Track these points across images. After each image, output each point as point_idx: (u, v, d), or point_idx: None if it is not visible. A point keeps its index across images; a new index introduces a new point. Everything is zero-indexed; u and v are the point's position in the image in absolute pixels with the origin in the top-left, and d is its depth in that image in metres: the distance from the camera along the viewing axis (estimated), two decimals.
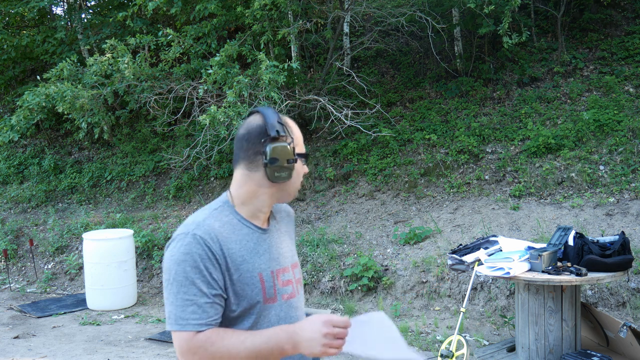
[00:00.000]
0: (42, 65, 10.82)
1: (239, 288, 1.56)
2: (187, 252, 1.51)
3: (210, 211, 1.63)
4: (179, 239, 1.55)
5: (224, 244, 1.56)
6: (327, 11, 8.34)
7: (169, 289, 1.53)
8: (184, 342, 1.50)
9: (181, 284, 1.50)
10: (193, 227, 1.56)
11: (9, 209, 9.56)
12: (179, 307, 1.50)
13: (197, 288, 1.50)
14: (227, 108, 6.77)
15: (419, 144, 7.99)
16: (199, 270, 1.51)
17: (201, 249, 1.52)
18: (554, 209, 6.58)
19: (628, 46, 8.37)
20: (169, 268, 1.54)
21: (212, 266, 1.52)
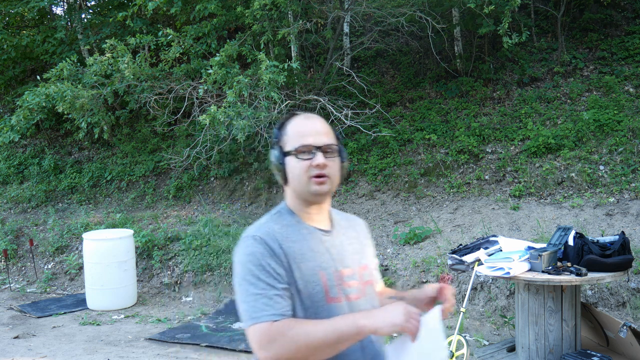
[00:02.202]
0: (42, 65, 10.82)
1: (301, 285, 1.59)
2: (249, 253, 1.58)
3: (270, 216, 1.70)
4: (242, 242, 1.62)
5: (283, 243, 1.60)
6: (327, 11, 8.34)
7: (239, 289, 1.58)
8: (261, 334, 1.51)
9: (249, 282, 1.55)
10: (253, 230, 1.64)
11: (9, 209, 9.56)
12: (251, 303, 1.54)
13: (264, 282, 1.54)
14: (227, 108, 6.77)
15: (419, 144, 7.99)
16: (263, 267, 1.55)
17: (262, 248, 1.58)
18: (554, 209, 6.57)
19: (628, 46, 8.37)
20: (236, 271, 1.60)
21: (275, 263, 1.57)
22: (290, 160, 1.65)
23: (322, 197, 1.68)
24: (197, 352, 5.35)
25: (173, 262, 7.46)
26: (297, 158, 1.64)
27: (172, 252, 7.55)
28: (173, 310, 6.76)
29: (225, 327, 6.01)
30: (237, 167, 8.84)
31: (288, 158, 1.66)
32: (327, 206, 1.76)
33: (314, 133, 1.66)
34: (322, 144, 1.65)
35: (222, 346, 5.43)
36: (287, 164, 1.66)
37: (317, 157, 1.63)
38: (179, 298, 7.08)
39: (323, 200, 1.70)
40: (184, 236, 7.57)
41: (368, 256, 1.82)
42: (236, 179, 8.75)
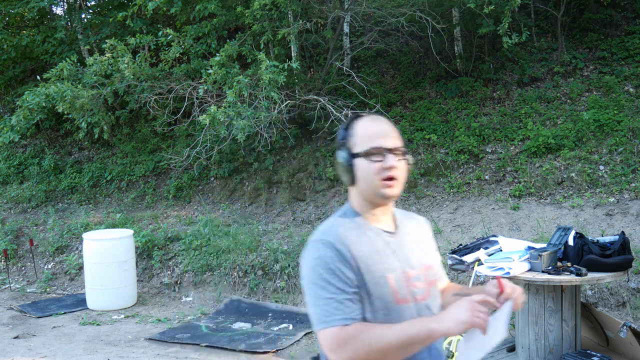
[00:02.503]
0: (42, 65, 10.82)
1: (371, 288, 1.59)
2: (318, 257, 1.58)
3: (335, 218, 1.71)
4: (310, 246, 1.63)
5: (352, 246, 1.60)
6: (327, 11, 8.33)
7: (308, 293, 1.59)
8: (332, 338, 1.52)
9: (318, 286, 1.56)
10: (321, 235, 1.64)
11: (9, 209, 9.56)
12: (321, 307, 1.54)
13: (334, 286, 1.55)
14: (227, 108, 6.77)
15: (419, 144, 7.99)
16: (332, 271, 1.56)
17: (331, 252, 1.58)
18: (554, 209, 6.57)
19: (628, 46, 8.37)
20: (305, 275, 1.61)
21: (344, 267, 1.57)
22: (360, 162, 1.66)
23: (390, 200, 1.70)
24: (197, 352, 5.35)
25: (173, 262, 7.46)
26: (368, 160, 1.64)
27: (172, 252, 7.55)
28: (173, 310, 6.76)
29: (225, 327, 6.01)
30: (237, 167, 8.84)
31: (357, 160, 1.66)
32: (391, 207, 1.77)
33: (384, 135, 1.67)
34: (392, 147, 1.66)
35: (222, 346, 5.43)
36: (356, 165, 1.66)
37: (389, 159, 1.64)
38: (179, 298, 7.08)
39: (390, 202, 1.72)
40: (184, 236, 7.57)
41: (431, 255, 1.83)
42: (236, 179, 8.75)
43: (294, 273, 6.71)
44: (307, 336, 5.63)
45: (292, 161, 8.63)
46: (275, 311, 6.36)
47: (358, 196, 1.72)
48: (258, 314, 6.35)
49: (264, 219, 7.94)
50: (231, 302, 6.67)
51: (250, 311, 6.44)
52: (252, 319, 6.23)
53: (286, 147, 8.76)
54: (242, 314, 6.38)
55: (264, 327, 5.99)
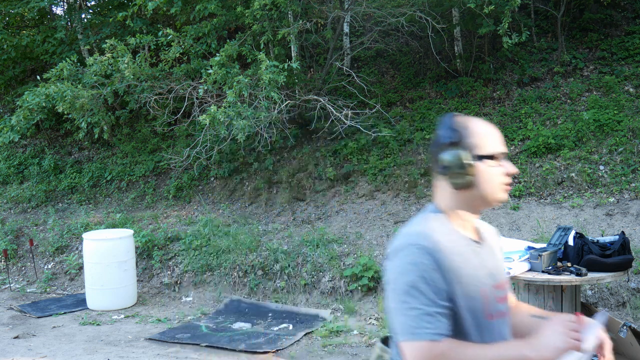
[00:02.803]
0: (42, 65, 10.82)
1: (462, 301, 1.51)
2: (413, 263, 1.48)
3: (427, 222, 1.60)
4: (404, 250, 1.52)
5: (447, 255, 1.51)
6: (327, 11, 8.33)
7: (396, 299, 1.49)
8: (421, 352, 1.44)
9: (410, 294, 1.46)
10: (417, 238, 1.52)
11: (9, 209, 9.56)
12: (410, 317, 1.45)
13: (427, 297, 1.46)
14: (227, 108, 6.77)
15: (419, 144, 7.99)
16: (426, 281, 1.46)
17: (427, 259, 1.48)
18: (554, 209, 6.57)
19: (628, 46, 8.37)
20: (395, 279, 1.51)
21: (439, 277, 1.48)
22: (485, 165, 1.58)
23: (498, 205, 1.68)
24: (197, 352, 5.36)
25: (173, 262, 7.46)
26: (495, 164, 1.59)
27: (172, 252, 7.55)
28: (173, 310, 6.76)
29: (225, 327, 6.01)
30: (237, 167, 8.84)
31: (481, 162, 1.58)
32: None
33: (500, 138, 1.64)
34: (506, 151, 1.64)
35: (222, 346, 5.43)
36: (478, 168, 1.57)
37: (509, 164, 1.60)
38: (179, 298, 7.08)
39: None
40: (184, 236, 7.57)
41: (504, 269, 1.74)
42: (236, 179, 8.75)
43: (294, 273, 6.71)
44: (307, 336, 5.64)
45: (292, 161, 8.63)
46: (275, 311, 6.36)
47: (461, 200, 1.62)
48: (258, 314, 6.35)
49: (264, 219, 7.94)
50: (231, 302, 6.67)
51: (250, 311, 6.45)
52: (252, 319, 6.23)
53: (286, 147, 8.76)
54: (242, 314, 6.38)
55: (264, 327, 5.99)
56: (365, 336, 5.50)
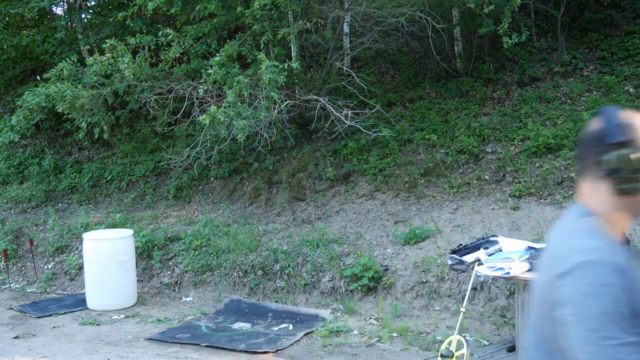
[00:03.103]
0: (42, 65, 10.82)
1: None
2: (605, 284, 1.28)
3: (594, 232, 1.39)
4: (590, 268, 1.31)
5: (633, 274, 1.32)
6: (327, 11, 8.33)
7: (582, 325, 1.28)
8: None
9: (601, 321, 1.26)
10: (602, 254, 1.32)
11: (9, 209, 9.56)
12: (603, 347, 1.25)
13: (620, 326, 1.26)
14: (227, 108, 6.77)
15: (419, 144, 7.99)
16: (621, 306, 1.27)
17: (621, 280, 1.29)
18: (554, 209, 6.57)
19: (628, 46, 8.37)
20: (580, 301, 1.29)
21: (633, 301, 1.29)
22: None
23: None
24: (197, 352, 5.35)
25: (173, 262, 7.46)
26: None
27: (172, 252, 7.55)
28: (173, 310, 6.76)
29: (225, 327, 6.01)
30: (237, 167, 8.84)
31: None
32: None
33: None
34: None
35: (222, 346, 5.43)
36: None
37: None
38: (179, 298, 7.08)
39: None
40: (184, 236, 7.57)
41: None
42: (236, 179, 8.75)
43: (294, 273, 6.71)
44: (307, 336, 5.64)
45: (292, 161, 8.63)
46: (275, 311, 6.36)
47: (621, 205, 1.43)
48: (258, 314, 6.35)
49: (264, 219, 7.94)
50: (231, 302, 6.67)
51: (250, 311, 6.45)
52: (252, 319, 6.23)
53: (286, 147, 8.77)
54: (242, 314, 6.38)
55: (264, 327, 5.99)
56: (365, 336, 5.50)
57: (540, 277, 1.46)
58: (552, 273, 1.38)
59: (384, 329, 5.58)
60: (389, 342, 5.31)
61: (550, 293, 1.37)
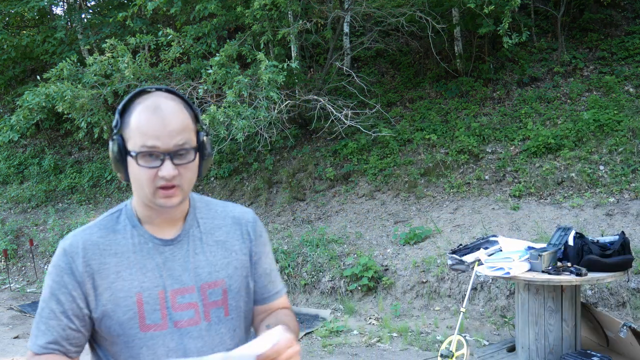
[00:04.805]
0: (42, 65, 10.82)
1: (109, 310, 1.32)
2: (53, 265, 1.35)
3: (103, 217, 1.41)
4: (57, 249, 1.38)
5: (94, 258, 1.33)
6: (327, 11, 8.34)
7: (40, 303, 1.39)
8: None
9: (42, 299, 1.36)
10: (67, 237, 1.38)
11: (9, 209, 9.56)
12: (35, 324, 1.36)
13: (51, 307, 1.33)
14: (227, 108, 6.77)
15: (419, 144, 7.99)
16: (58, 287, 1.32)
17: (64, 263, 1.33)
18: (554, 209, 6.57)
19: (628, 46, 8.37)
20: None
21: (72, 283, 1.32)
22: (132, 163, 1.30)
23: (171, 209, 1.36)
24: None
25: None
26: (139, 165, 1.28)
27: None
28: None
29: None
30: (237, 167, 8.84)
31: (130, 158, 1.30)
32: (182, 208, 1.40)
33: (162, 133, 1.27)
34: (173, 147, 1.28)
35: None
36: (128, 164, 1.31)
37: (165, 165, 1.27)
38: None
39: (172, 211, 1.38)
40: None
41: (230, 268, 1.43)
42: (236, 179, 8.75)
43: (294, 273, 6.71)
44: (307, 336, 5.63)
45: (292, 161, 8.63)
46: None
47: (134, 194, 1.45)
48: None
49: (264, 219, 7.94)
50: None
51: None
52: None
53: (286, 147, 8.77)
54: None
55: None
56: (365, 336, 5.50)
57: None
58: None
59: (384, 329, 5.58)
60: (389, 342, 5.31)
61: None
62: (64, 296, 1.32)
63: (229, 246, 1.44)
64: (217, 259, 1.42)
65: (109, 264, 1.33)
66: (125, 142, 1.31)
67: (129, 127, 1.30)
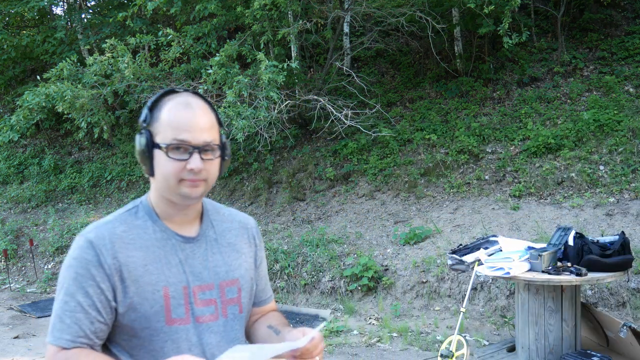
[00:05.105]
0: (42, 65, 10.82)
1: (136, 303, 1.33)
2: (76, 257, 1.33)
3: (120, 213, 1.42)
4: (74, 242, 1.37)
5: (121, 251, 1.34)
6: (327, 11, 8.34)
7: (56, 295, 1.37)
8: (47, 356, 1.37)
9: (66, 292, 1.33)
10: (89, 230, 1.37)
11: (9, 209, 9.56)
12: (57, 318, 1.34)
13: (77, 300, 1.32)
14: (227, 108, 6.77)
15: (419, 144, 7.99)
16: (85, 279, 1.31)
17: (91, 255, 1.32)
18: (554, 209, 6.57)
19: (628, 46, 8.37)
20: (60, 273, 1.37)
21: (101, 276, 1.32)
22: (160, 155, 1.35)
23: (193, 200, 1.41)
24: None
25: None
26: (168, 157, 1.33)
27: None
28: None
29: None
30: (237, 167, 8.84)
31: (157, 151, 1.35)
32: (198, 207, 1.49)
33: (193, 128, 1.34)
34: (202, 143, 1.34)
35: None
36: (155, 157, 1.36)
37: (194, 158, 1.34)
38: None
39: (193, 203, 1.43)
40: None
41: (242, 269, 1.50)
42: (236, 179, 8.75)
43: (294, 273, 6.71)
44: None
45: (292, 161, 8.63)
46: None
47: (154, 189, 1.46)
48: None
49: (264, 219, 7.94)
50: None
51: None
52: None
53: (286, 147, 8.77)
54: None
55: None
56: (365, 336, 5.49)
57: None
58: None
59: (384, 329, 5.58)
60: (389, 342, 5.31)
61: None
62: (92, 289, 1.31)
63: (239, 248, 1.52)
64: (231, 259, 1.48)
65: (135, 257, 1.35)
66: (154, 136, 1.36)
67: (158, 122, 1.36)
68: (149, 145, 1.36)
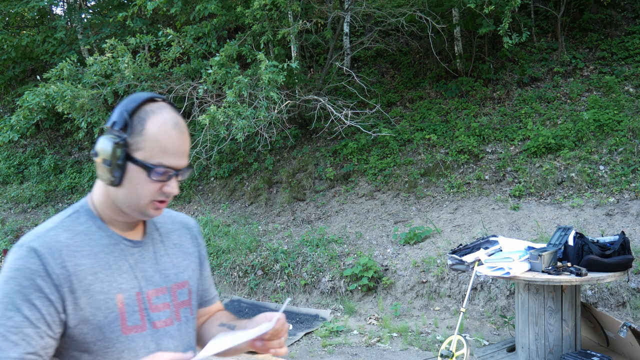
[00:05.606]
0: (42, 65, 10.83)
1: (88, 313, 1.25)
2: (18, 268, 1.22)
3: (61, 219, 1.32)
4: (14, 251, 1.26)
5: (69, 259, 1.25)
6: (327, 11, 8.34)
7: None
8: None
9: (6, 306, 1.20)
10: (31, 238, 1.26)
11: (9, 209, 9.56)
12: (1, 337, 1.19)
13: (23, 314, 1.20)
14: (227, 108, 6.77)
15: (419, 144, 7.99)
16: (31, 291, 1.21)
17: (36, 265, 1.22)
18: (554, 209, 6.57)
19: (628, 46, 8.37)
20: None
21: (49, 287, 1.22)
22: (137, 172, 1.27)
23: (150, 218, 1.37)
24: None
25: None
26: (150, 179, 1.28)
27: None
28: None
29: None
30: (237, 167, 8.84)
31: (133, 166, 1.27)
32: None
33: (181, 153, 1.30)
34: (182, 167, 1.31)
35: None
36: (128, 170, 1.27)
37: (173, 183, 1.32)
38: None
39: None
40: None
41: (190, 270, 1.48)
42: (236, 179, 8.75)
43: (294, 273, 6.71)
44: (307, 336, 5.63)
45: (292, 161, 8.63)
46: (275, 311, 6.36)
47: (107, 195, 1.37)
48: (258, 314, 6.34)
49: (264, 219, 7.94)
50: (231, 302, 6.67)
51: (250, 311, 6.44)
52: None
53: (286, 147, 8.77)
54: (242, 314, 6.38)
55: None
56: (365, 336, 5.50)
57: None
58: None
59: (384, 329, 5.58)
60: (389, 342, 5.31)
61: None
62: (39, 301, 1.21)
63: (184, 249, 1.50)
64: (179, 260, 1.46)
65: (84, 265, 1.27)
66: (132, 148, 1.26)
67: (142, 136, 1.26)
68: (123, 157, 1.26)
